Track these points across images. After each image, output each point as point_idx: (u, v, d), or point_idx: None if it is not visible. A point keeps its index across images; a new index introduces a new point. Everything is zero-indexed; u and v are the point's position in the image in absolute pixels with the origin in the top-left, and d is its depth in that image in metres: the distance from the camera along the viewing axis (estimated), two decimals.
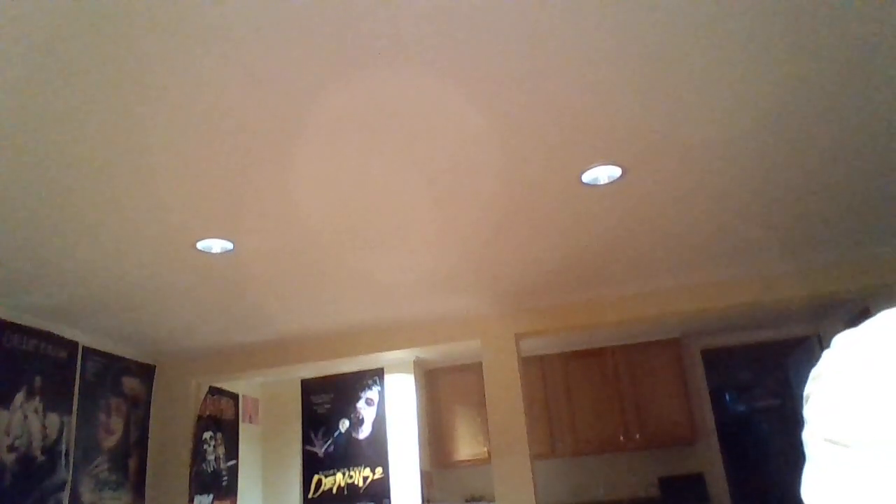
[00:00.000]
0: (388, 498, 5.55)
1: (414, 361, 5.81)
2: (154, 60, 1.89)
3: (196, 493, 4.96)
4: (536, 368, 6.01)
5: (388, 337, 5.00)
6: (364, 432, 5.80)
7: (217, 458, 5.34)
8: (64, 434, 4.05)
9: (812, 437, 0.54)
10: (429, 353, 5.58)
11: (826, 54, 2.13)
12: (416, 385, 5.81)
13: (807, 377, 0.58)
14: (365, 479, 5.67)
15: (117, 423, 4.59)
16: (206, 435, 5.22)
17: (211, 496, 5.17)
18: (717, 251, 3.91)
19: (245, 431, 5.83)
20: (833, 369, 0.55)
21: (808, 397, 0.56)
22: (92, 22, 1.72)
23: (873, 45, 2.09)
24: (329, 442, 5.87)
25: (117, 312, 4.00)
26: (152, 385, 5.03)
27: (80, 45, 1.80)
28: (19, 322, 3.82)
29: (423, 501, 5.47)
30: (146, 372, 4.98)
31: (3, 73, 1.88)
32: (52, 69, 1.88)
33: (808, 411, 0.56)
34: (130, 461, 4.69)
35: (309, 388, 6.07)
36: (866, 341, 0.54)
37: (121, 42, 1.80)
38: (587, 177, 2.82)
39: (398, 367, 5.83)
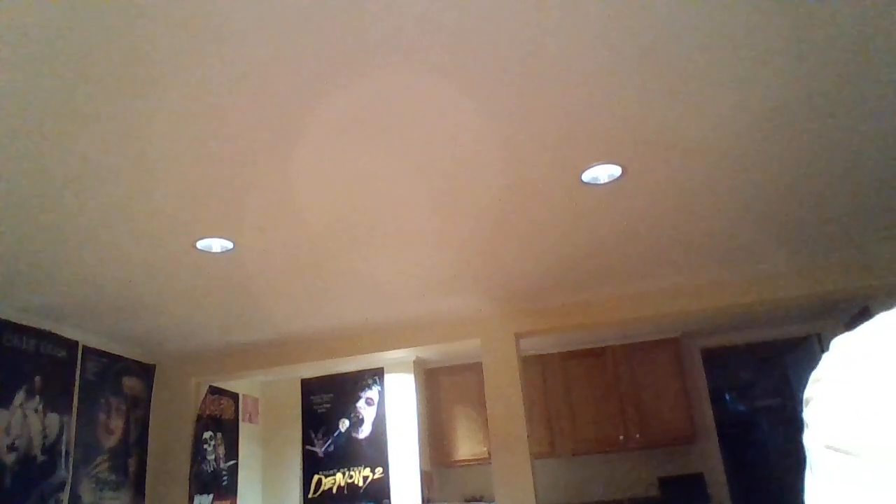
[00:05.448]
0: (388, 498, 5.55)
1: (414, 361, 5.81)
2: (154, 60, 1.89)
3: (196, 493, 4.96)
4: (536, 368, 6.01)
5: (388, 337, 5.00)
6: (364, 432, 5.79)
7: (217, 458, 5.34)
8: (64, 434, 4.05)
9: (813, 443, 0.54)
10: (429, 352, 5.58)
11: (826, 54, 2.13)
12: (416, 385, 5.81)
13: (807, 377, 0.57)
14: (365, 478, 5.67)
15: (117, 423, 4.59)
16: (206, 435, 5.22)
17: (211, 496, 5.17)
18: (717, 251, 3.91)
19: (245, 431, 5.83)
20: (833, 374, 0.54)
21: (808, 401, 0.56)
22: (91, 22, 1.72)
23: (873, 44, 2.09)
24: (329, 442, 5.87)
25: (117, 312, 4.00)
26: (152, 385, 5.03)
27: (80, 46, 1.80)
28: (19, 322, 3.81)
29: (423, 501, 5.47)
30: (146, 371, 4.98)
31: (4, 74, 1.87)
32: (52, 70, 1.88)
33: (808, 415, 0.56)
34: (130, 461, 4.69)
35: (309, 387, 6.07)
36: (866, 345, 0.53)
37: (121, 42, 1.80)
38: (587, 176, 2.82)
39: (398, 367, 5.83)
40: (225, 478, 5.42)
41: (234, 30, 1.80)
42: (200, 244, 3.15)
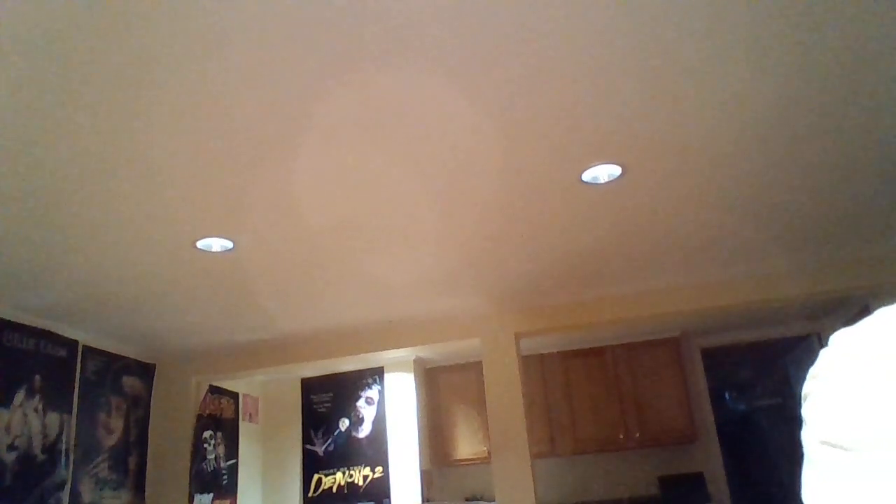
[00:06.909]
0: (388, 497, 5.56)
1: (414, 360, 5.81)
2: (154, 60, 1.89)
3: (196, 492, 4.96)
4: (536, 367, 6.01)
5: (388, 336, 5.00)
6: (364, 431, 5.80)
7: (217, 457, 5.34)
8: (64, 433, 4.05)
9: (810, 438, 0.54)
10: (429, 351, 5.58)
11: (826, 53, 2.13)
12: (415, 384, 5.81)
13: (806, 376, 0.58)
14: (365, 478, 5.67)
15: (117, 422, 4.59)
16: (206, 434, 5.23)
17: (211, 495, 5.18)
18: (717, 250, 3.91)
19: (245, 430, 5.84)
20: (831, 369, 0.54)
21: (806, 396, 0.56)
22: (92, 22, 1.72)
23: (873, 43, 2.09)
24: (329, 441, 5.87)
25: (117, 311, 4.00)
26: (152, 384, 5.03)
27: (80, 45, 1.80)
28: (19, 321, 3.82)
29: (422, 500, 5.47)
30: (146, 371, 4.98)
31: (4, 73, 1.87)
32: (52, 69, 1.88)
33: (806, 411, 0.56)
34: (130, 460, 4.69)
35: (309, 386, 6.07)
36: (864, 340, 0.53)
37: (121, 42, 1.80)
38: (587, 176, 2.82)
39: (398, 366, 5.83)
40: (225, 477, 5.42)
41: (234, 30, 1.80)
42: (200, 244, 3.15)
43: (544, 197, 3.00)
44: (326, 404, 5.97)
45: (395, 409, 5.77)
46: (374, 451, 5.71)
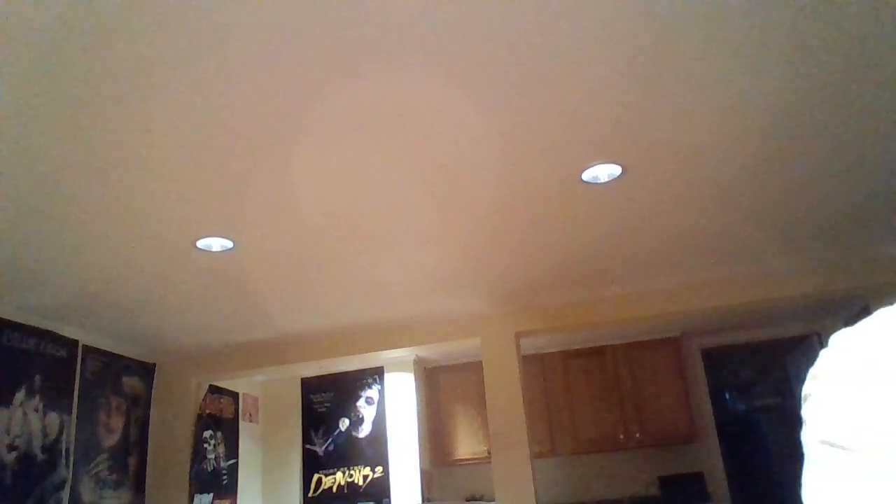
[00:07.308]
0: (388, 497, 5.56)
1: (414, 360, 5.81)
2: (154, 60, 1.89)
3: (196, 492, 4.96)
4: (536, 367, 6.01)
5: (388, 336, 5.00)
6: (364, 431, 5.80)
7: (217, 457, 5.34)
8: (64, 433, 4.05)
9: (810, 438, 0.54)
10: (429, 351, 5.58)
11: (826, 53, 2.13)
12: (416, 384, 5.81)
13: (806, 376, 0.58)
14: (365, 477, 5.67)
15: (117, 422, 4.59)
16: (206, 434, 5.22)
17: (211, 495, 5.18)
18: (717, 250, 3.91)
19: (245, 430, 5.83)
20: (831, 369, 0.54)
21: (806, 397, 0.56)
22: (92, 22, 1.72)
23: (873, 43, 2.09)
24: (329, 441, 5.87)
25: (117, 311, 4.00)
26: (152, 384, 5.03)
27: (80, 45, 1.80)
28: (19, 321, 3.81)
29: (423, 500, 5.47)
30: (146, 371, 4.98)
31: (3, 72, 1.87)
32: (52, 69, 1.88)
33: (806, 412, 0.56)
34: (130, 460, 4.69)
35: (309, 386, 6.07)
36: (864, 340, 0.53)
37: (121, 42, 1.80)
38: (587, 175, 2.82)
39: (398, 366, 5.83)
40: (225, 477, 5.42)
41: (234, 30, 1.80)
42: (200, 244, 3.15)
43: (544, 197, 3.00)
44: (326, 404, 5.97)
45: (395, 408, 5.76)
46: (374, 450, 5.71)
